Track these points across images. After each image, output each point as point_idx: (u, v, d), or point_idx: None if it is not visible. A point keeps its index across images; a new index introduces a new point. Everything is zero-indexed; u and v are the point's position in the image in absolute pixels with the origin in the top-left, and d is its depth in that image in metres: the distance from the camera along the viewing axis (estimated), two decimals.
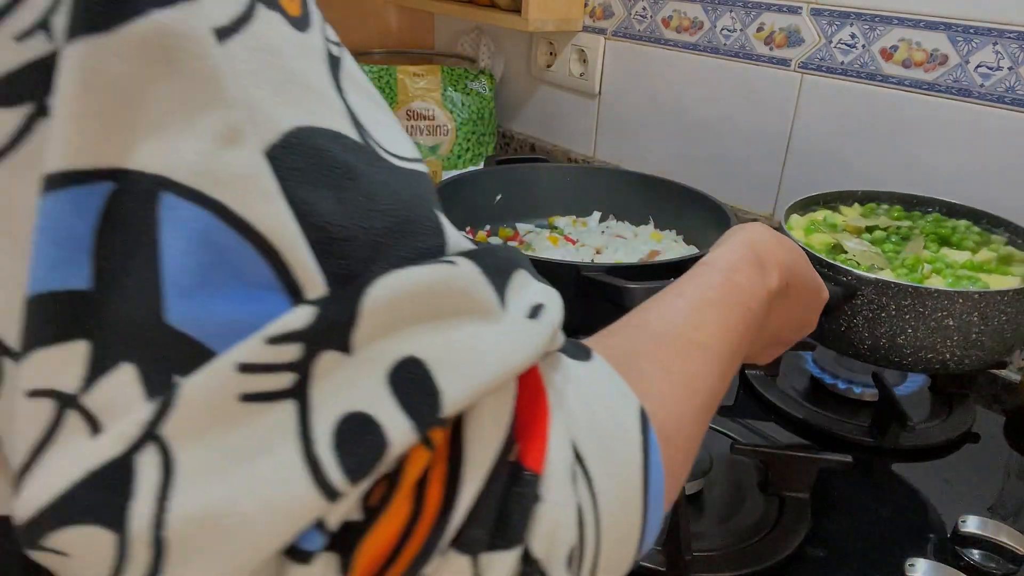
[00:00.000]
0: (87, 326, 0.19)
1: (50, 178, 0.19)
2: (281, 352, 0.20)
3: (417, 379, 0.21)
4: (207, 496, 0.19)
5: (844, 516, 0.63)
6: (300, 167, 0.21)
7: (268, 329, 0.20)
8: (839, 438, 0.73)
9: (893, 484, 0.67)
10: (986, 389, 0.84)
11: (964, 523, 0.57)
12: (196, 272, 0.20)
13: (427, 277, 0.22)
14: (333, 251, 0.21)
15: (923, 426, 0.75)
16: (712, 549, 0.57)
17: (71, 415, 0.19)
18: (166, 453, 0.19)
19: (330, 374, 0.20)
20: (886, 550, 0.60)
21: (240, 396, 0.20)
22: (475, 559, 0.23)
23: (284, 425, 0.20)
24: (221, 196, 0.19)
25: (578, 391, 0.28)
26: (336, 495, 0.20)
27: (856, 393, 0.78)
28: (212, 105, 0.20)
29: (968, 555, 0.56)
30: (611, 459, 0.27)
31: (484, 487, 0.23)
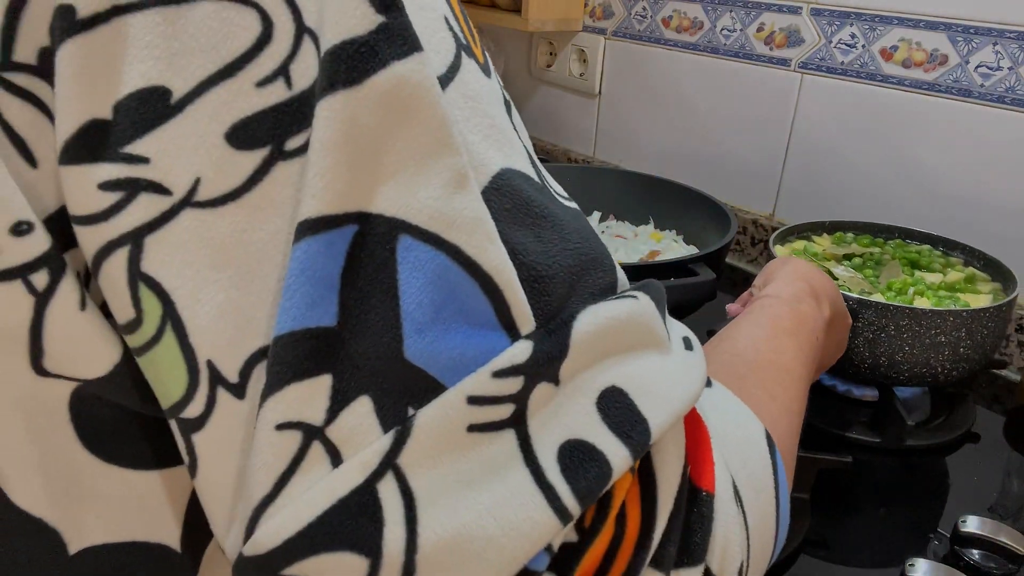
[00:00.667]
0: (332, 361, 0.20)
1: (308, 223, 0.20)
2: (505, 385, 0.21)
3: (623, 407, 0.22)
4: (454, 521, 0.20)
5: (844, 516, 0.63)
6: (508, 208, 0.22)
7: (494, 363, 0.21)
8: (839, 438, 0.73)
9: (893, 484, 0.67)
10: (986, 389, 0.84)
11: (964, 523, 0.57)
12: (430, 310, 0.21)
13: (621, 312, 0.23)
14: (539, 288, 0.22)
15: (923, 426, 0.75)
16: None
17: (315, 446, 0.20)
18: (403, 481, 0.20)
19: (545, 404, 0.22)
20: (886, 550, 0.60)
21: (468, 427, 0.21)
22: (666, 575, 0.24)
23: (509, 453, 0.21)
24: (454, 239, 0.21)
25: (717, 415, 0.29)
26: (569, 518, 0.21)
27: (856, 394, 0.78)
28: (443, 151, 0.21)
29: (968, 555, 0.56)
30: (753, 478, 0.29)
31: (673, 507, 0.24)
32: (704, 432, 0.27)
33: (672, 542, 0.24)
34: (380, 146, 0.20)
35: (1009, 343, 0.88)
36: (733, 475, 0.27)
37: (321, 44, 0.20)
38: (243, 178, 0.20)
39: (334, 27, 0.20)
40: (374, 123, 0.20)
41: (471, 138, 0.22)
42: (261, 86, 0.20)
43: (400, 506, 0.20)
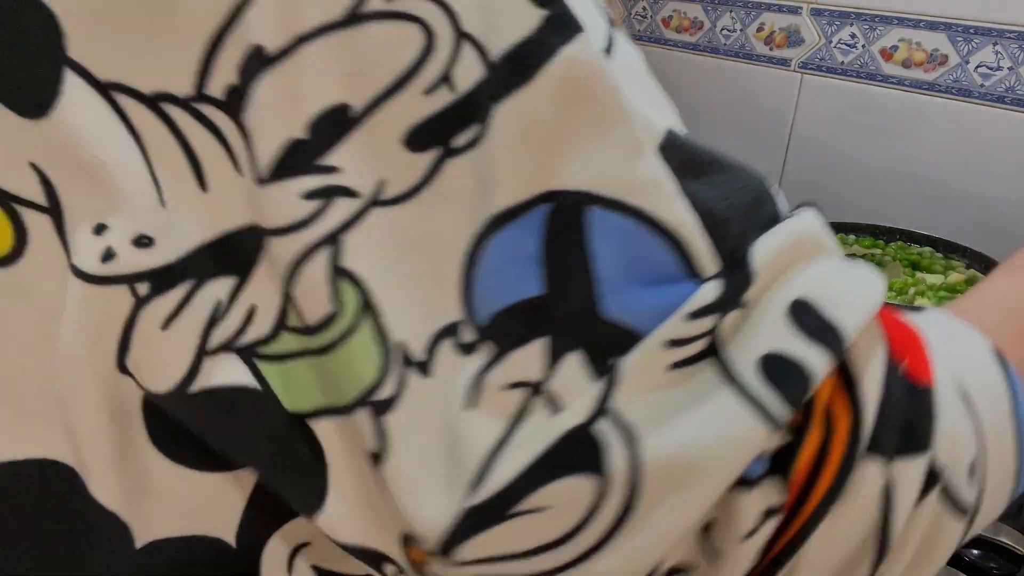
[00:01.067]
0: (545, 325, 0.23)
1: (505, 212, 0.22)
2: (699, 325, 0.23)
3: (812, 316, 0.24)
4: (672, 439, 0.22)
5: None
6: (681, 162, 0.23)
7: (686, 307, 0.23)
8: None
9: None
10: None
11: None
12: (623, 270, 0.23)
13: (793, 230, 0.25)
14: (720, 232, 0.24)
15: None
16: None
17: (537, 400, 0.23)
18: (619, 417, 0.23)
19: (738, 329, 0.24)
20: None
21: (669, 366, 0.23)
22: (889, 463, 0.25)
23: (712, 379, 0.23)
24: (637, 202, 0.22)
25: (931, 326, 0.29)
26: (778, 426, 0.23)
27: None
28: (618, 122, 0.22)
29: (968, 555, 0.56)
30: (983, 386, 0.28)
31: (883, 397, 0.25)
32: (912, 332, 0.28)
33: (890, 430, 0.25)
34: (560, 129, 0.22)
35: None
36: (955, 377, 0.28)
37: (489, 50, 0.21)
38: (419, 177, 0.22)
39: (501, 33, 0.21)
40: (552, 110, 0.22)
41: (638, 102, 0.23)
42: (428, 93, 0.21)
43: (619, 435, 0.22)
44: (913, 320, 0.29)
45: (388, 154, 0.22)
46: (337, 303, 0.22)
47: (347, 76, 0.21)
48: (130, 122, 0.21)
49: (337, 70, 0.21)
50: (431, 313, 0.23)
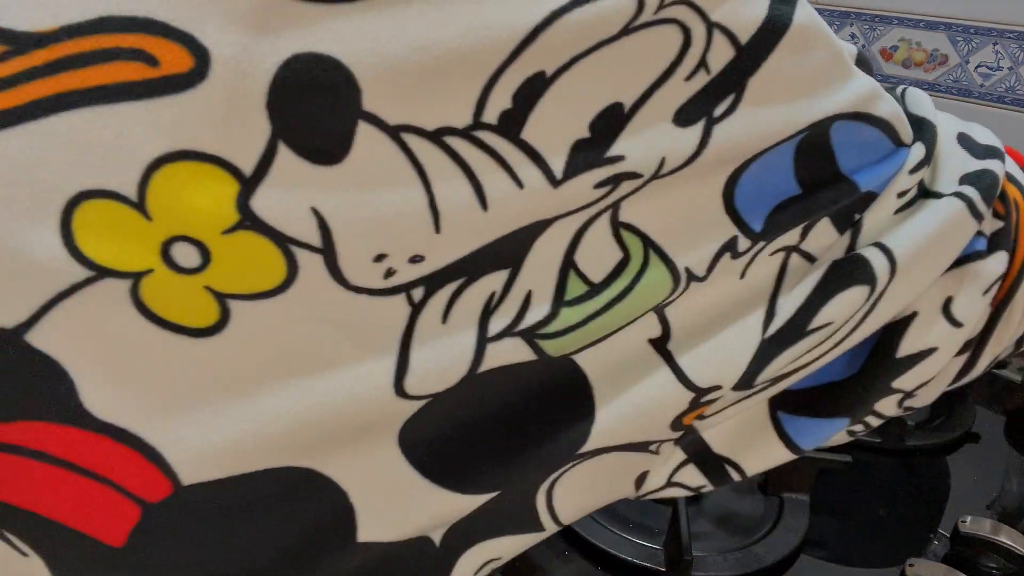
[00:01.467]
0: (802, 212, 0.29)
1: (763, 150, 0.27)
2: (915, 177, 0.31)
3: (973, 143, 0.34)
4: (914, 239, 0.30)
5: (844, 516, 0.63)
6: (865, 70, 0.30)
7: (907, 165, 0.30)
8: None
9: (893, 484, 0.67)
10: (986, 389, 0.84)
11: (964, 523, 0.57)
12: (857, 156, 0.29)
13: (922, 97, 0.34)
14: (905, 112, 0.31)
15: (923, 426, 0.75)
16: (712, 549, 0.57)
17: (795, 256, 0.30)
18: (870, 241, 0.30)
19: (937, 168, 0.32)
20: (886, 550, 0.60)
21: (897, 210, 0.31)
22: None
23: (927, 205, 0.31)
24: (863, 108, 0.29)
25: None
26: (981, 216, 0.31)
27: None
28: (837, 58, 0.28)
29: (968, 555, 0.56)
30: None
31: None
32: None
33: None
34: (801, 75, 0.27)
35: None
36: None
37: (738, 36, 0.25)
38: (692, 148, 0.25)
39: (742, 20, 0.25)
40: (793, 63, 0.26)
41: (834, 36, 0.29)
42: (688, 79, 0.25)
43: (874, 249, 0.30)
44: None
45: (664, 135, 0.25)
46: (623, 249, 0.26)
47: (618, 80, 0.23)
48: (415, 157, 0.22)
49: (609, 77, 0.23)
50: (704, 239, 0.27)
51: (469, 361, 0.25)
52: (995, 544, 0.56)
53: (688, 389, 0.29)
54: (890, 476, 0.69)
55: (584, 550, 0.57)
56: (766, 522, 0.60)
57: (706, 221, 0.27)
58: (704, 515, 0.61)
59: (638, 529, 0.59)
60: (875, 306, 0.30)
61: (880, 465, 0.70)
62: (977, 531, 0.57)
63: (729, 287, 0.29)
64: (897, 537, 0.61)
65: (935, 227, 0.30)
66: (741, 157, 0.27)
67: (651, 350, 0.29)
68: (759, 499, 0.63)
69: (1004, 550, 0.56)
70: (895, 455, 0.71)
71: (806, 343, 0.30)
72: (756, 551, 0.56)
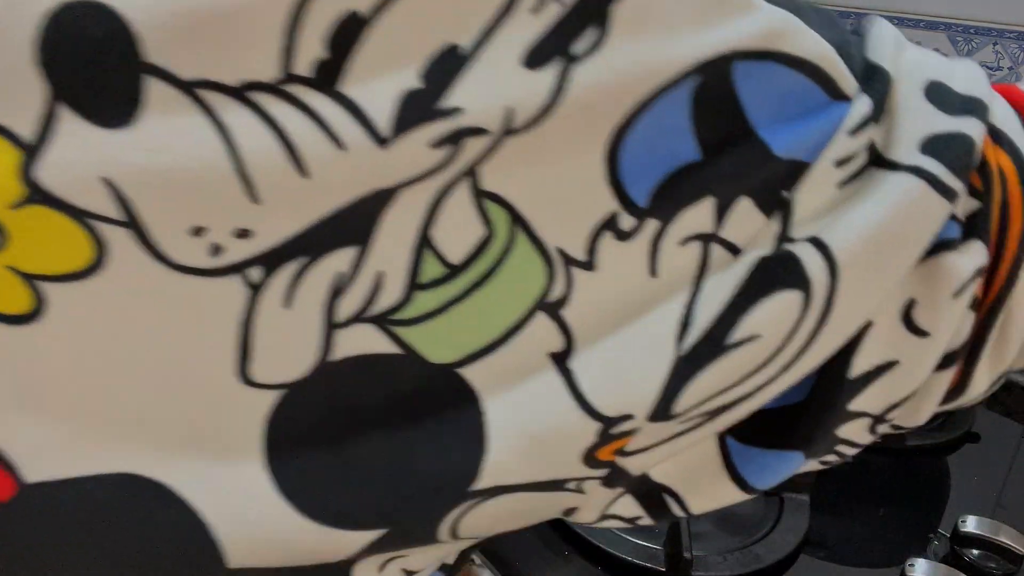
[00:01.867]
0: (707, 184, 0.23)
1: (645, 100, 0.22)
2: (860, 140, 0.24)
3: (945, 94, 0.26)
4: (857, 232, 0.24)
5: (844, 516, 0.63)
6: (791, 7, 0.25)
7: (846, 125, 0.24)
8: None
9: (893, 484, 0.67)
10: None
11: (964, 523, 0.57)
12: (776, 109, 0.24)
13: (887, 34, 0.28)
14: (846, 54, 0.25)
15: (923, 426, 0.75)
16: (712, 549, 0.57)
17: (714, 246, 0.24)
18: (804, 234, 0.24)
19: (890, 130, 0.25)
20: (886, 550, 0.60)
21: (839, 183, 0.25)
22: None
23: (879, 175, 0.25)
24: (775, 46, 0.23)
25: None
26: (953, 193, 0.24)
27: None
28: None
29: (968, 555, 0.56)
30: None
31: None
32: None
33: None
34: (684, 8, 0.22)
35: None
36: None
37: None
38: (547, 95, 0.21)
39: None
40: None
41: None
42: (536, 11, 0.21)
43: (808, 246, 0.24)
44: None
45: (508, 80, 0.21)
46: (487, 223, 0.22)
47: (451, 17, 0.20)
48: (216, 116, 0.20)
49: (440, 14, 0.20)
50: (582, 212, 0.23)
51: (317, 346, 0.22)
52: (995, 544, 0.56)
53: (593, 419, 0.24)
54: (890, 476, 0.69)
55: (584, 550, 0.57)
56: (766, 522, 0.60)
57: (581, 191, 0.23)
58: (704, 515, 0.61)
59: (638, 529, 0.59)
60: (826, 317, 0.25)
61: (880, 465, 0.70)
62: (977, 531, 0.57)
63: (634, 284, 0.24)
64: (897, 537, 0.61)
65: (886, 213, 0.24)
66: (619, 108, 0.22)
67: (551, 366, 0.24)
68: (759, 499, 0.63)
69: (1004, 550, 0.56)
70: (895, 455, 0.71)
71: (730, 362, 0.24)
72: (756, 551, 0.56)
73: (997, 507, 0.65)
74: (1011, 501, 0.66)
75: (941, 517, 0.64)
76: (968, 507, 0.64)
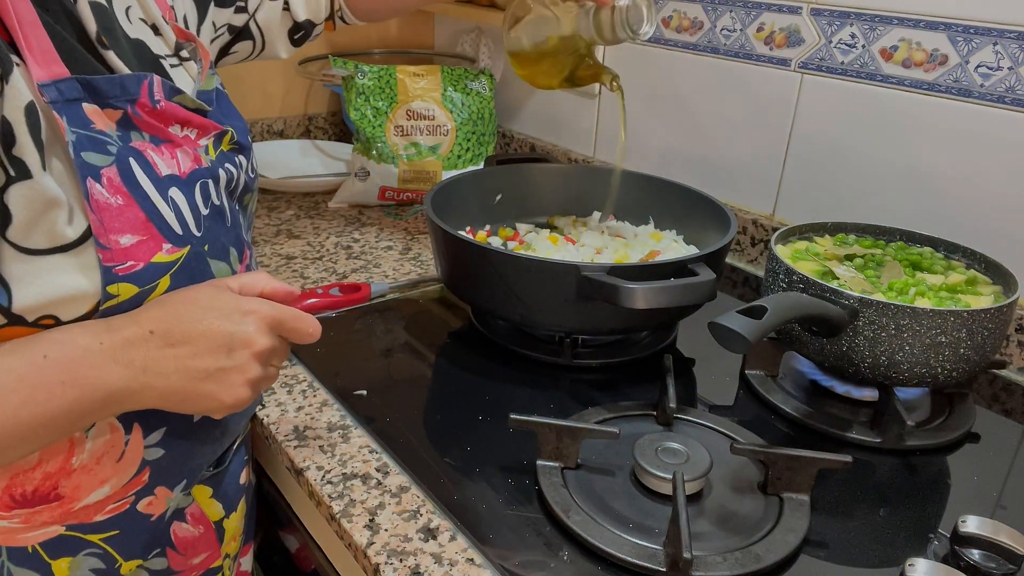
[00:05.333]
0: None
1: None
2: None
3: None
4: None
5: (844, 516, 0.63)
6: None
7: None
8: (839, 438, 0.73)
9: (893, 484, 0.68)
10: (986, 389, 0.84)
11: (964, 523, 0.57)
12: None
13: None
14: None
15: (923, 426, 0.75)
16: (712, 549, 0.57)
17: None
18: None
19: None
20: (886, 550, 0.60)
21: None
22: None
23: None
24: None
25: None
26: None
27: (856, 395, 0.78)
28: None
29: (968, 555, 0.56)
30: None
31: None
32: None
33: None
34: None
35: (1009, 343, 0.88)
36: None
37: None
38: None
39: None
40: None
41: None
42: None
43: None
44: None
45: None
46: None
47: None
48: None
49: None
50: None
51: None
52: (995, 544, 0.56)
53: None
54: (890, 476, 0.69)
55: (584, 550, 0.57)
56: (766, 522, 0.60)
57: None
58: (704, 515, 0.61)
59: (638, 529, 0.59)
60: None
61: (880, 465, 0.70)
62: (977, 531, 0.57)
63: None
64: (897, 537, 0.61)
65: None
66: None
67: None
68: (759, 499, 0.63)
69: (1004, 550, 0.56)
70: (895, 455, 0.71)
71: None
72: (756, 551, 0.56)
73: (997, 507, 0.65)
74: (1011, 501, 0.66)
75: (941, 517, 0.64)
76: (968, 507, 0.65)
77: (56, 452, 0.53)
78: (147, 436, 0.56)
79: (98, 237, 0.48)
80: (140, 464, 0.57)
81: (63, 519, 0.55)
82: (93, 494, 0.55)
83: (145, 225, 0.51)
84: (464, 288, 0.86)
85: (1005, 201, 0.87)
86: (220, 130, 0.59)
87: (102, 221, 0.48)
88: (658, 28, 1.20)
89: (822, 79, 1.00)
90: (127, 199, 0.50)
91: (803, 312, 0.68)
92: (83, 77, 0.49)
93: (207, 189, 0.56)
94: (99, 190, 0.48)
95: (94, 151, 0.48)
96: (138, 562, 0.61)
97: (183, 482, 0.61)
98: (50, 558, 0.56)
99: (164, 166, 0.53)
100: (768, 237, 1.10)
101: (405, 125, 1.25)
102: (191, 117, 0.56)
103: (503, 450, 0.69)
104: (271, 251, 1.11)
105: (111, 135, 0.50)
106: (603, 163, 1.34)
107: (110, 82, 0.50)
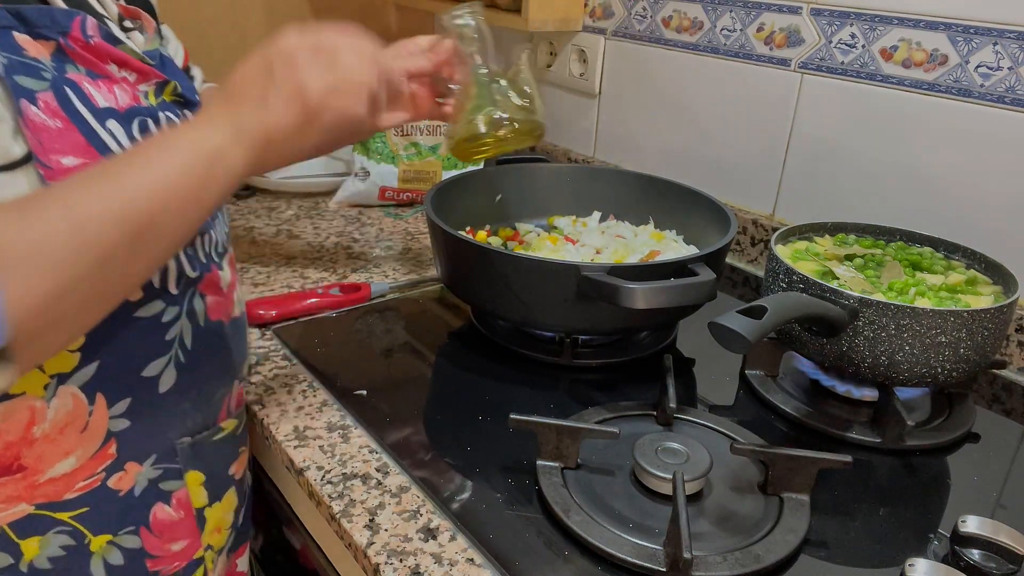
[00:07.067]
0: None
1: None
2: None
3: None
4: None
5: (844, 516, 0.63)
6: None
7: None
8: (839, 438, 0.73)
9: (893, 484, 0.68)
10: (986, 389, 0.84)
11: (964, 523, 0.57)
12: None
13: None
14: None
15: (923, 426, 0.75)
16: (712, 549, 0.57)
17: None
18: None
19: None
20: (886, 550, 0.60)
21: None
22: None
23: None
24: None
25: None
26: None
27: (856, 395, 0.78)
28: None
29: (968, 555, 0.56)
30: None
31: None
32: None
33: None
34: None
35: (1009, 343, 0.88)
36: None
37: None
38: None
39: None
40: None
41: None
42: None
43: None
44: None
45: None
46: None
47: None
48: None
49: None
50: None
51: None
52: (995, 544, 0.56)
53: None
54: (890, 476, 0.69)
55: (584, 550, 0.57)
56: (766, 522, 0.60)
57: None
58: (704, 515, 0.61)
59: (638, 529, 0.59)
60: None
61: (880, 465, 0.70)
62: (977, 531, 0.57)
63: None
64: (897, 537, 0.61)
65: None
66: None
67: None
68: (759, 499, 0.63)
69: (1004, 550, 0.56)
70: (895, 455, 0.71)
71: None
72: (756, 551, 0.56)
73: (997, 507, 0.65)
74: (1011, 501, 0.66)
75: (941, 517, 0.64)
76: (968, 507, 0.65)
77: (16, 421, 0.53)
78: (112, 407, 0.57)
79: (39, 156, 0.49)
80: (106, 435, 0.57)
81: (30, 494, 0.55)
82: (58, 465, 0.55)
83: (86, 149, 0.51)
84: (464, 288, 0.86)
85: (1005, 201, 0.87)
86: (161, 79, 0.59)
87: (41, 142, 0.49)
88: (658, 28, 1.20)
89: (822, 79, 1.00)
90: (66, 123, 0.51)
91: (803, 312, 0.68)
92: (12, 6, 0.50)
93: (147, 127, 0.56)
94: (35, 111, 0.49)
95: (27, 75, 0.49)
96: (108, 537, 0.60)
97: (152, 456, 0.61)
98: (19, 538, 0.56)
99: (101, 99, 0.53)
100: (768, 237, 1.10)
101: (405, 125, 1.25)
102: (128, 59, 0.56)
103: (503, 450, 0.69)
104: (271, 251, 1.11)
105: (45, 63, 0.51)
106: (603, 163, 1.34)
107: (40, 12, 0.51)
